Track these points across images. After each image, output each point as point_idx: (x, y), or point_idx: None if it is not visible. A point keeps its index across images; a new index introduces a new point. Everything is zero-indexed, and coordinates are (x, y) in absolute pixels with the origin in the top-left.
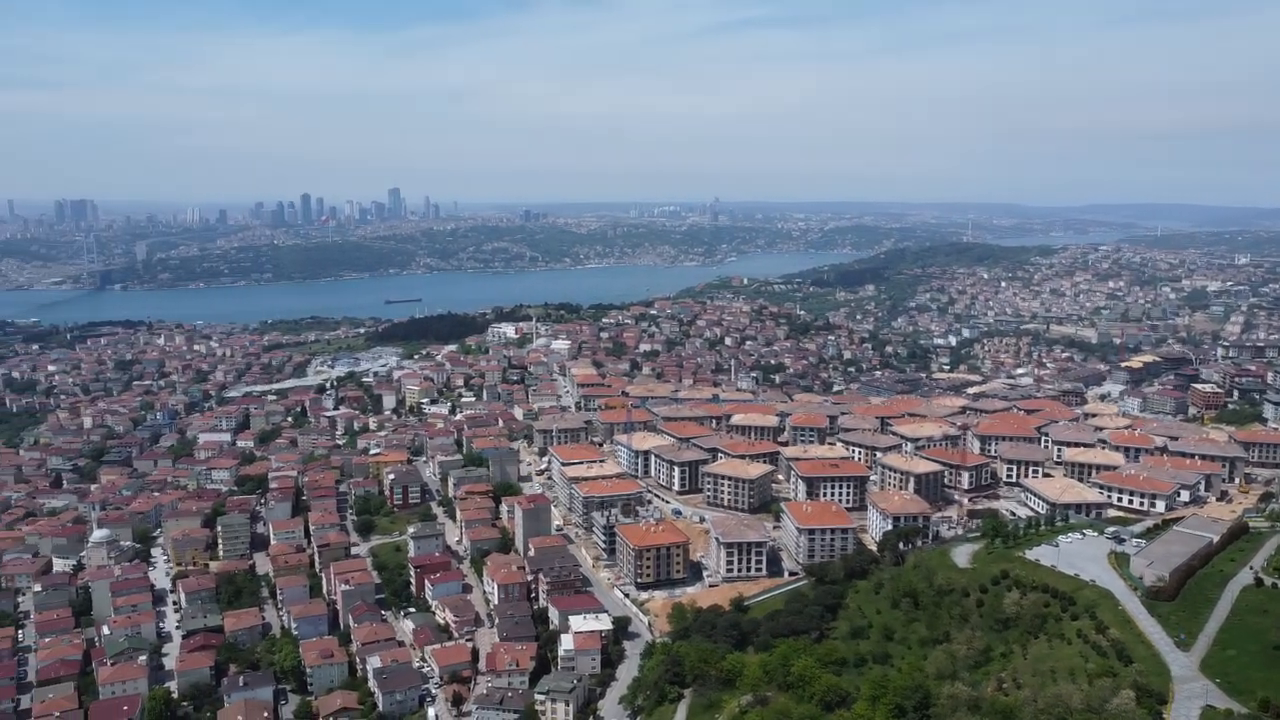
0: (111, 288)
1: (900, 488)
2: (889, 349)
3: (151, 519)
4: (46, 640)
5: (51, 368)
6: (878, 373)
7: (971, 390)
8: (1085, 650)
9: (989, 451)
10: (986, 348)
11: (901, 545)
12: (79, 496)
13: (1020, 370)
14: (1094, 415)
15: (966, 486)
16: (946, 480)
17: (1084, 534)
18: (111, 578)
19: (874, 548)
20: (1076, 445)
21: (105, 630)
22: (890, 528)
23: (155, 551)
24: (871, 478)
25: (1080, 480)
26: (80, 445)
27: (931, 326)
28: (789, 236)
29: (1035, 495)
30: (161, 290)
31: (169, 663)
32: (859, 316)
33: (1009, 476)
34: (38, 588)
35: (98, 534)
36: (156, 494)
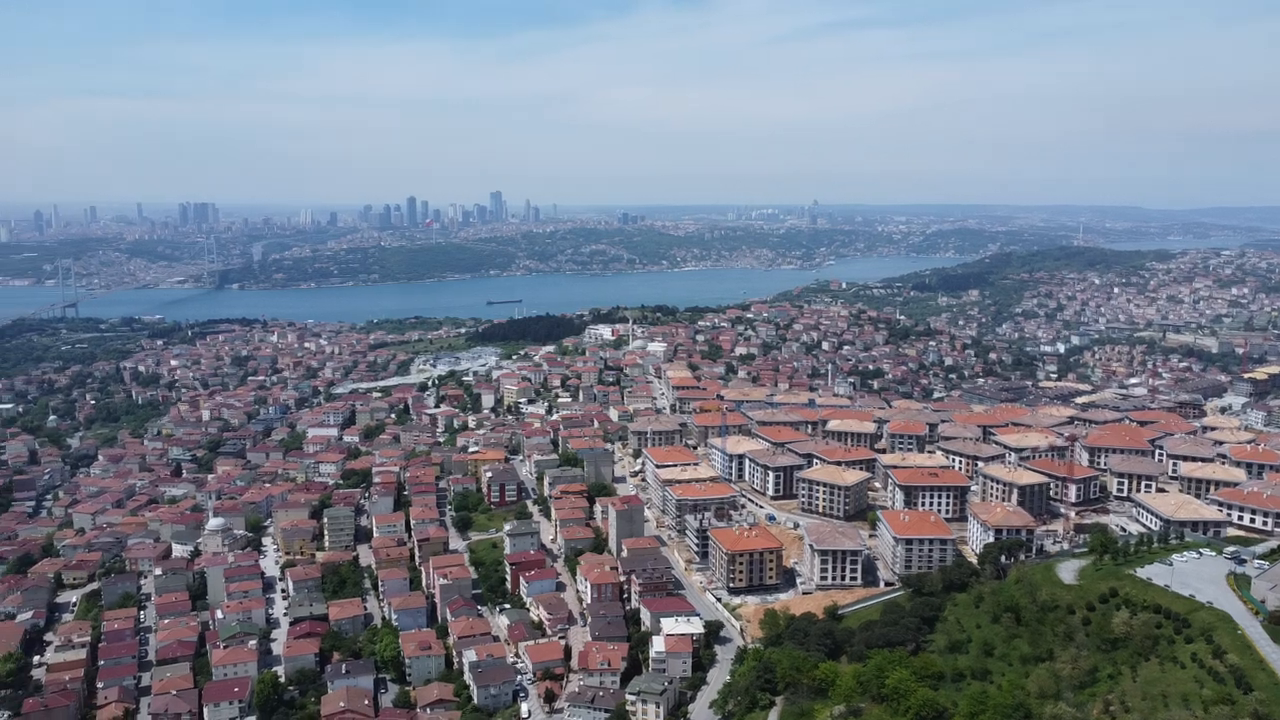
0: (229, 287)
1: (1003, 499)
2: (993, 356)
3: (263, 509)
4: (166, 622)
5: (174, 362)
6: (980, 380)
7: (1080, 400)
8: (1200, 675)
9: (1098, 464)
10: (1097, 356)
11: (1003, 558)
12: (197, 486)
13: (1133, 380)
14: (1213, 428)
15: (1073, 500)
16: (1052, 493)
17: (1200, 553)
18: (225, 564)
19: (974, 560)
20: (1194, 459)
21: (219, 614)
22: (992, 540)
23: (266, 540)
24: (972, 488)
25: (1197, 496)
26: (199, 437)
27: (1038, 333)
28: (889, 240)
29: (1148, 511)
30: (275, 290)
31: (276, 648)
32: (961, 322)
33: (1120, 491)
34: (158, 571)
35: (213, 522)
36: (268, 485)
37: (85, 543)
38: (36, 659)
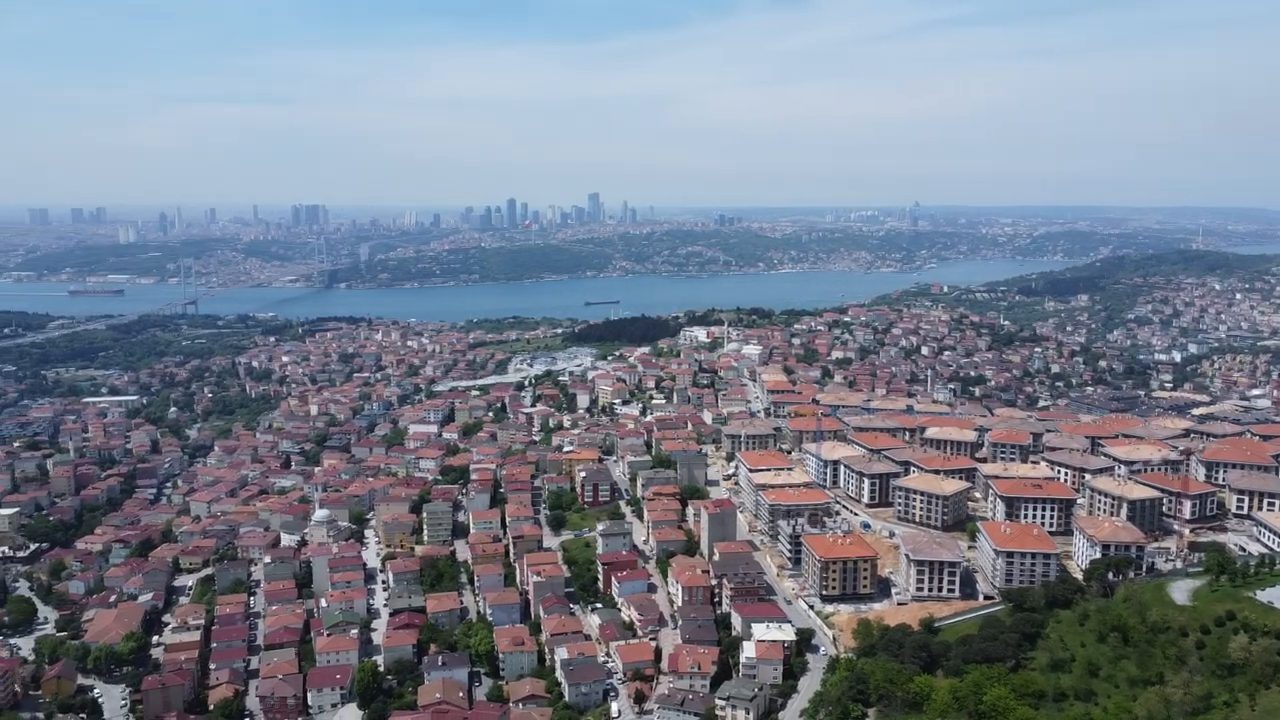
0: (338, 286)
1: (1111, 514)
2: (1102, 363)
3: (366, 502)
4: (273, 608)
5: (285, 358)
6: (1089, 389)
7: (1197, 411)
8: None
9: (1216, 479)
10: (1216, 365)
11: (1111, 576)
12: (304, 478)
13: (1256, 391)
14: None
15: (1188, 517)
16: (1165, 509)
17: None
18: (329, 555)
19: (1079, 576)
20: None
21: (323, 603)
22: (1098, 556)
23: (368, 533)
24: (1079, 501)
25: None
26: (307, 431)
27: (1152, 340)
28: (994, 243)
29: (1270, 530)
30: (380, 289)
31: (376, 638)
32: (1069, 328)
33: (1239, 508)
34: (268, 559)
35: (319, 514)
36: (371, 479)
37: (201, 530)
38: (155, 639)
